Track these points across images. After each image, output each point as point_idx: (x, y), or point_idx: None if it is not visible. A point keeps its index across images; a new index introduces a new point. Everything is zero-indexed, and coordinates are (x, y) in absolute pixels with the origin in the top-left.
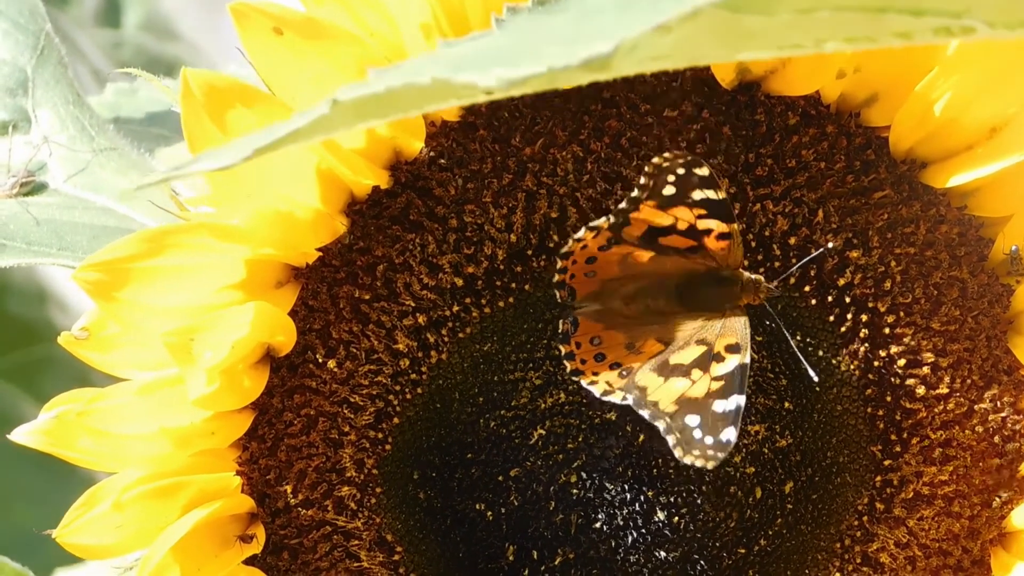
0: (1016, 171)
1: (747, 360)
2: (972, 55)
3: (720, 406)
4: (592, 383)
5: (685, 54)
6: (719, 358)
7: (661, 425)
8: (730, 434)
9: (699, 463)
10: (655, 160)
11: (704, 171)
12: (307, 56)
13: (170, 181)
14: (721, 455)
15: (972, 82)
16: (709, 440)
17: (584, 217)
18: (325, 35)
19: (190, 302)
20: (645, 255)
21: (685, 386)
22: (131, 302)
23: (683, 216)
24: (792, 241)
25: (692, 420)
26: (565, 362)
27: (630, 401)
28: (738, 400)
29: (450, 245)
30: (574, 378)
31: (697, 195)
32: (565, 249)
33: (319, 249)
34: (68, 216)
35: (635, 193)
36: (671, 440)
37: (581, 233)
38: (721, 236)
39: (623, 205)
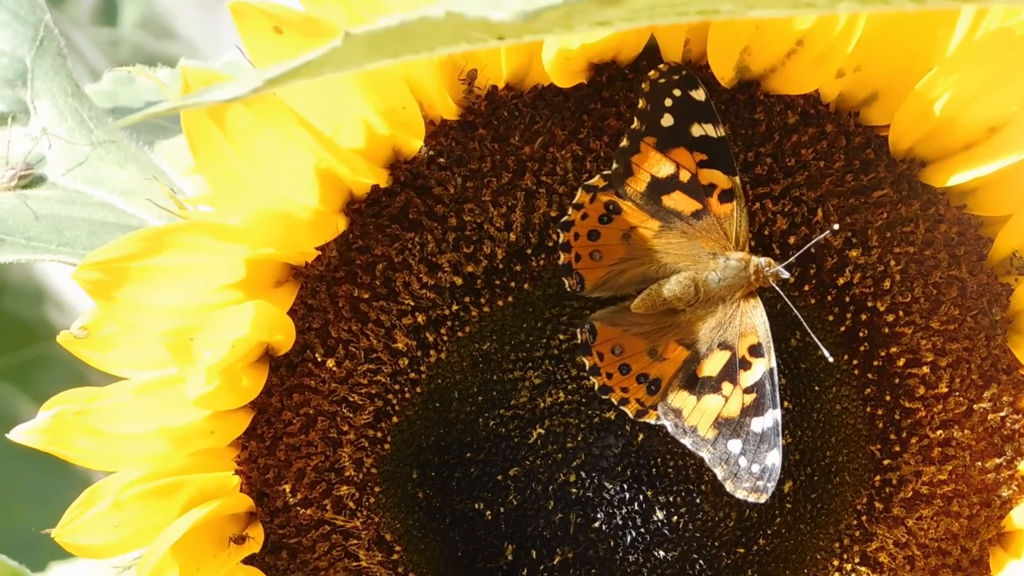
0: (1016, 170)
1: (773, 364)
2: (972, 54)
3: (758, 424)
4: (623, 402)
5: (698, 3)
6: (745, 364)
7: (706, 455)
8: (774, 458)
9: (752, 498)
10: (650, 74)
11: (700, 94)
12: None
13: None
14: (771, 486)
15: (972, 81)
16: (756, 468)
17: None
18: (324, 34)
19: (189, 301)
20: (649, 231)
21: (719, 404)
22: (130, 301)
23: (684, 162)
24: (791, 240)
25: (734, 446)
26: (592, 378)
27: (668, 426)
28: (774, 415)
29: (449, 244)
30: (603, 396)
31: (696, 131)
32: (565, 219)
33: (318, 248)
34: (67, 211)
35: (634, 125)
36: (720, 473)
37: (578, 197)
38: (724, 196)
39: (624, 143)
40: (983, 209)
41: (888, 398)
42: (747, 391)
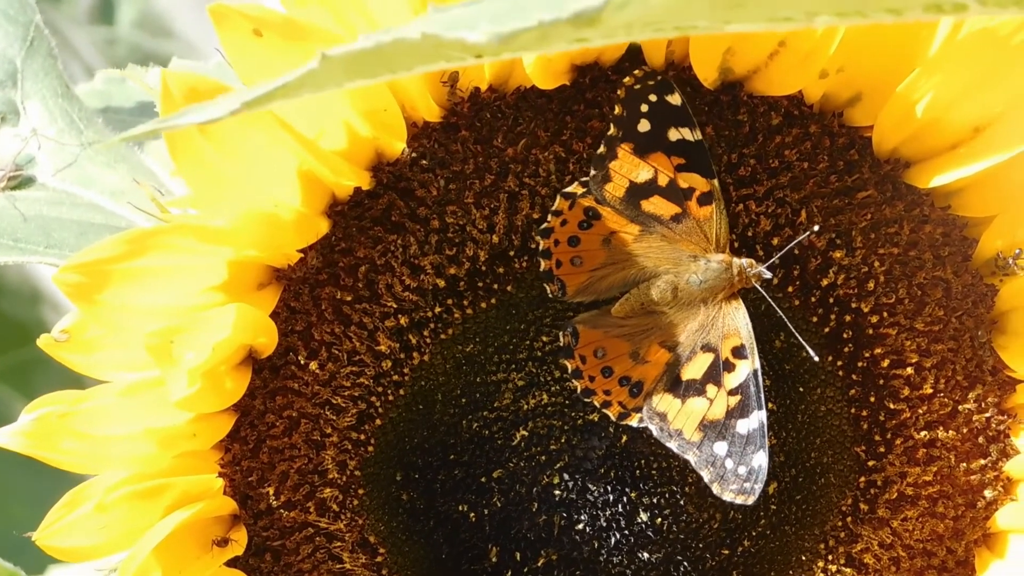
0: (1000, 170)
1: (757, 365)
2: (955, 55)
3: (743, 426)
4: (605, 404)
5: (674, 19)
6: (729, 366)
7: (692, 458)
8: (760, 459)
9: (739, 500)
10: (625, 80)
11: (676, 99)
12: (287, 58)
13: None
14: (758, 487)
15: (955, 82)
16: (742, 470)
17: None
18: (305, 36)
19: (172, 303)
20: (629, 235)
21: (704, 407)
22: (112, 304)
23: (662, 166)
24: (775, 242)
25: (720, 449)
26: (574, 381)
27: (653, 430)
28: (759, 416)
29: (432, 246)
30: (585, 399)
31: (673, 135)
32: (545, 225)
33: (300, 251)
34: (56, 212)
35: (611, 131)
36: (706, 476)
37: (556, 204)
38: (703, 199)
39: (601, 150)
40: (968, 210)
41: (873, 399)
42: (731, 393)
